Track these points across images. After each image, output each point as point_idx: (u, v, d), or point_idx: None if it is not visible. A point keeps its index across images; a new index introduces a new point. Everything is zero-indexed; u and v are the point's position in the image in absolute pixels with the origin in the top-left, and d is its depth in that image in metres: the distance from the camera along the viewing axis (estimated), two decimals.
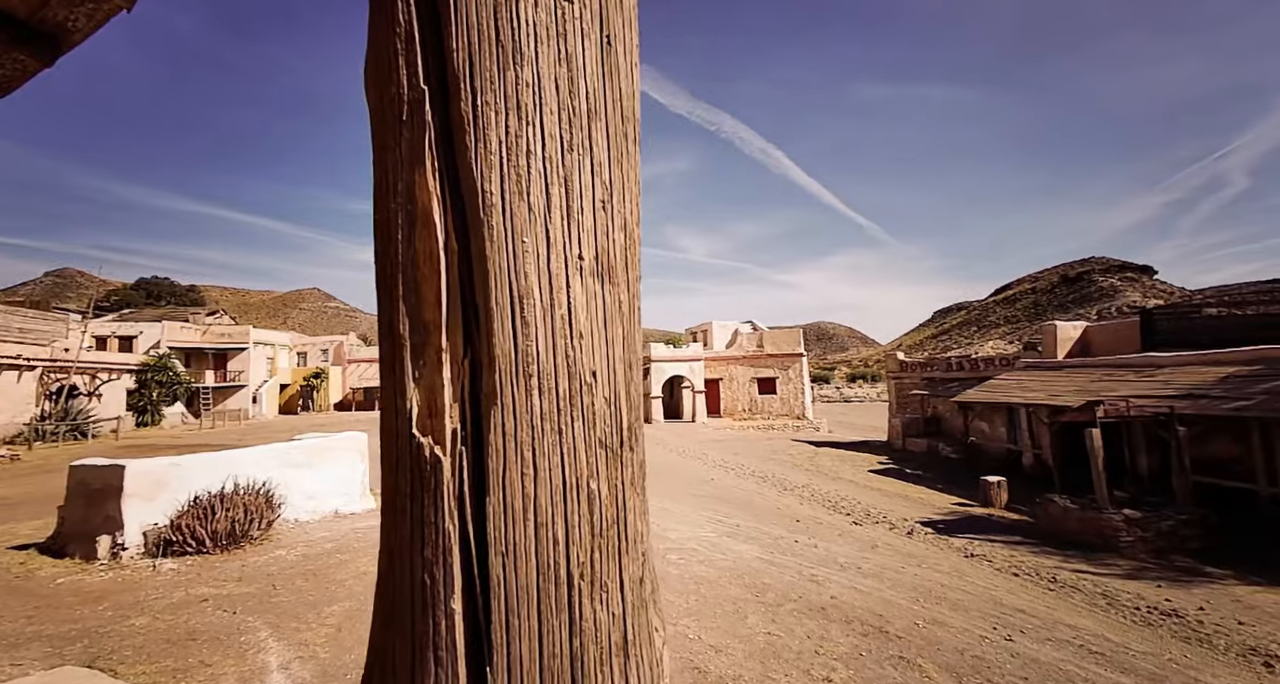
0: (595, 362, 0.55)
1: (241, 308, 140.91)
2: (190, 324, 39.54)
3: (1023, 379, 14.46)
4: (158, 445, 18.27)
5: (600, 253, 0.57)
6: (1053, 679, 4.37)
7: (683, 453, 19.80)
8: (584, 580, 0.50)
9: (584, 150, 0.57)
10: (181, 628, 4.60)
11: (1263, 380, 9.35)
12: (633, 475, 0.57)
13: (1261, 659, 5.18)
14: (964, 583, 6.88)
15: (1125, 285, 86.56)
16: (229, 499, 6.37)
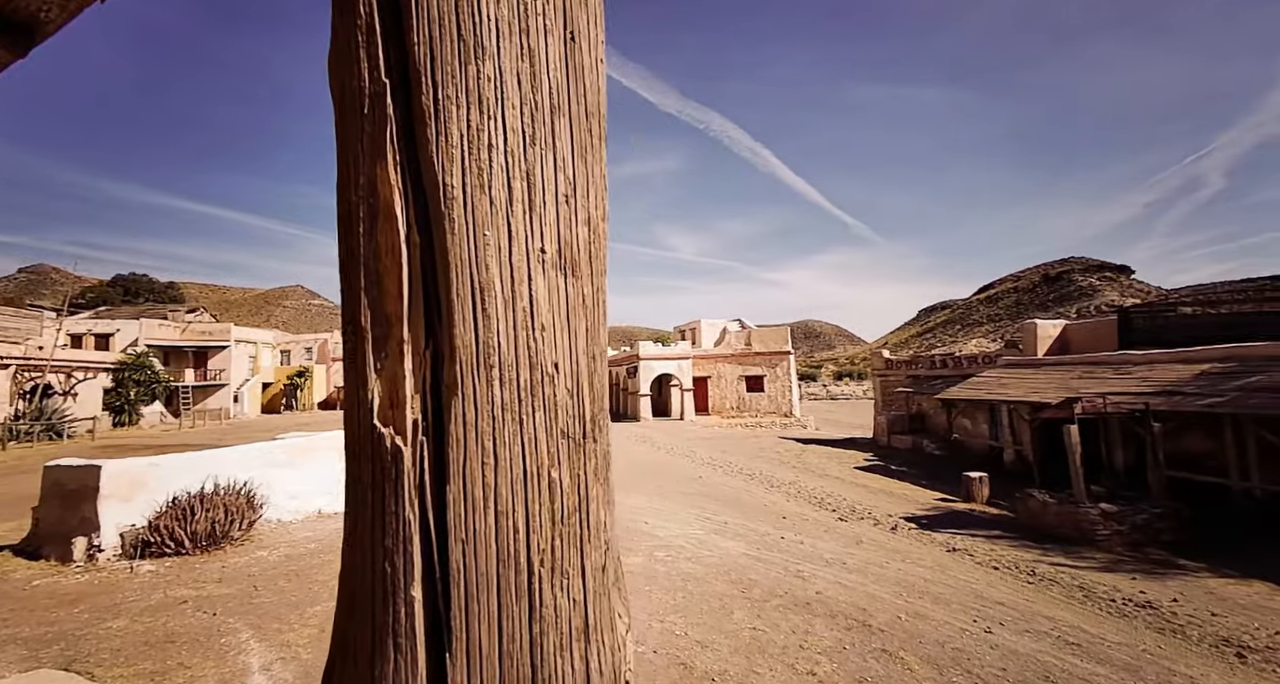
0: (558, 353, 0.56)
1: (223, 305, 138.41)
2: (169, 322, 38.76)
3: (1004, 377, 14.71)
4: (135, 445, 17.91)
5: (563, 247, 0.58)
6: (1031, 670, 4.46)
7: (671, 451, 19.86)
8: (544, 567, 0.51)
9: (547, 145, 0.58)
10: (160, 630, 4.53)
11: (1235, 377, 9.61)
12: (596, 465, 0.58)
13: (1234, 650, 5.33)
14: (946, 577, 6.99)
15: (1104, 285, 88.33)
16: (209, 499, 6.27)
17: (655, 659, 4.22)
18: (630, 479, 13.46)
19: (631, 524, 8.74)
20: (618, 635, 0.57)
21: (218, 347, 37.61)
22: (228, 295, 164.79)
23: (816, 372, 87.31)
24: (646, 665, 4.11)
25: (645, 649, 4.37)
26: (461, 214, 0.54)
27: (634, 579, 6.05)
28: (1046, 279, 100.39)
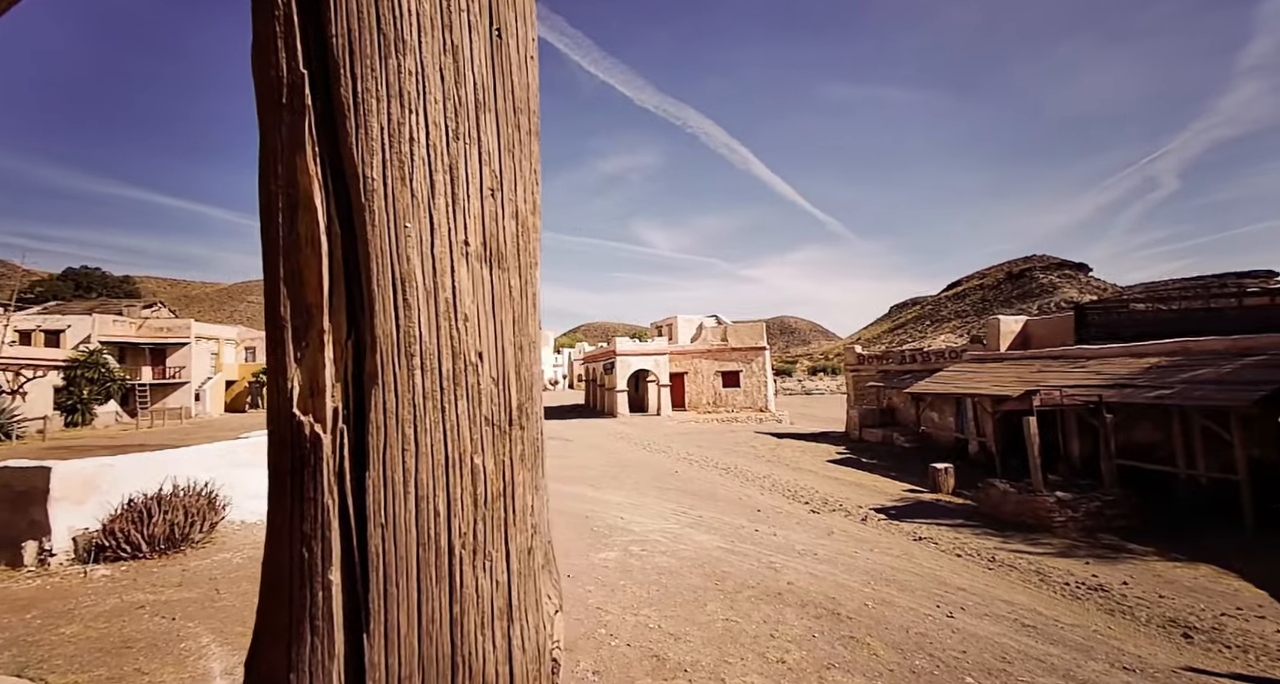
0: (482, 343, 0.57)
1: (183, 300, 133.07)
2: (124, 318, 37.12)
3: (969, 371, 15.19)
4: (89, 446, 17.15)
5: (489, 239, 0.59)
6: (989, 652, 4.64)
7: (648, 446, 19.94)
8: (466, 550, 0.52)
9: (471, 139, 0.59)
10: (116, 636, 4.39)
11: (1182, 370, 10.12)
12: (522, 452, 0.59)
13: (1180, 630, 5.62)
14: (912, 565, 7.22)
15: (1063, 282, 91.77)
16: (167, 501, 6.06)
17: (629, 652, 4.26)
18: (607, 475, 13.48)
19: (608, 520, 8.78)
20: (543, 615, 0.59)
21: (177, 343, 36.18)
22: (188, 290, 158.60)
23: (792, 367, 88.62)
24: (620, 659, 4.16)
25: (619, 642, 4.41)
26: (382, 206, 0.55)
27: (609, 574, 6.09)
28: (1010, 276, 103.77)
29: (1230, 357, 9.85)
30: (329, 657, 0.48)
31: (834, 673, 4.09)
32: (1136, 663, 4.70)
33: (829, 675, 4.06)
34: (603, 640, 4.41)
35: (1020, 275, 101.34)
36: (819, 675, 4.05)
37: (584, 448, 19.17)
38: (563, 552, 6.85)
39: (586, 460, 16.06)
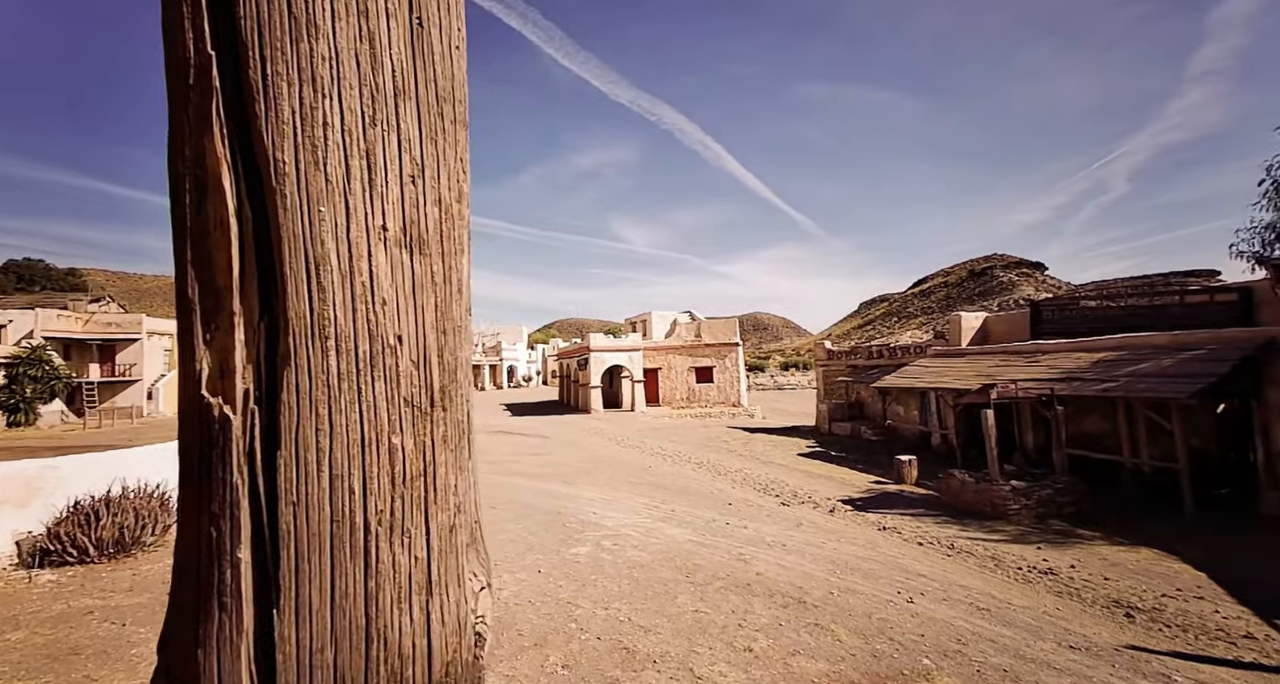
0: (401, 327, 0.58)
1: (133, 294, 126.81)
2: (70, 312, 35.17)
3: (932, 365, 15.69)
4: (33, 447, 16.25)
5: (409, 225, 0.60)
6: (945, 634, 4.83)
7: (622, 442, 19.97)
8: (382, 527, 0.54)
9: (390, 126, 0.59)
10: (63, 642, 4.21)
11: (1127, 364, 10.67)
12: (445, 433, 0.61)
13: (1123, 610, 5.95)
14: (876, 554, 7.44)
15: (1021, 280, 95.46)
16: (116, 503, 5.81)
17: (599, 645, 4.29)
18: (580, 471, 13.47)
19: (581, 515, 8.78)
20: (466, 590, 0.61)
21: (127, 339, 34.49)
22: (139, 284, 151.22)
23: (764, 362, 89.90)
24: (590, 652, 4.18)
25: (589, 636, 4.43)
26: (294, 189, 0.55)
27: (581, 569, 6.10)
28: (973, 274, 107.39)
29: (1171, 351, 10.44)
30: (237, 632, 0.49)
31: (799, 659, 4.21)
32: (1082, 642, 4.96)
33: (794, 662, 4.16)
34: (573, 634, 4.43)
35: (982, 273, 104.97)
36: (784, 662, 4.15)
37: (558, 444, 19.09)
38: (534, 547, 6.83)
39: (560, 457, 16.01)
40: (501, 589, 5.33)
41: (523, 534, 7.48)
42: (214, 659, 0.47)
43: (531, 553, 6.62)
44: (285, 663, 0.50)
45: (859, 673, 4.05)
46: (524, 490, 10.91)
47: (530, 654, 4.08)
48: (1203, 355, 9.80)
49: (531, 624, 4.59)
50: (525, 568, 6.05)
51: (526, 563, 6.22)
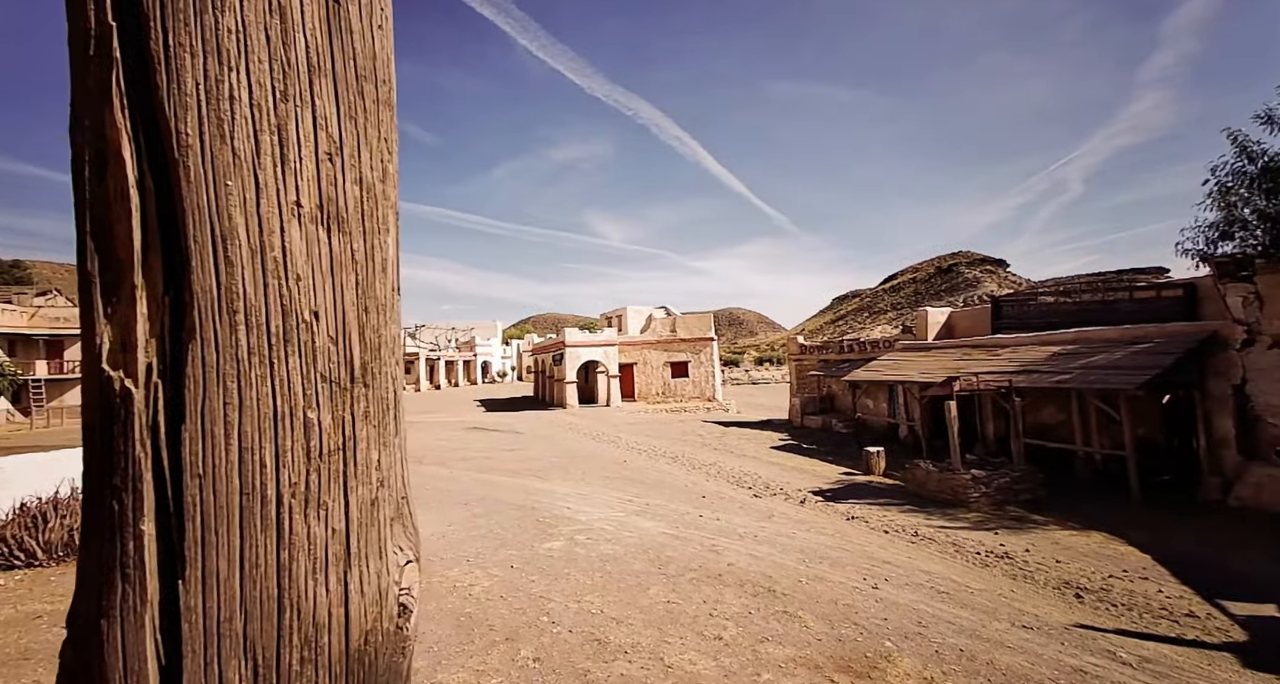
0: (318, 303, 0.59)
1: None
2: (14, 306, 33.30)
3: (899, 359, 16.12)
4: None
5: (326, 202, 0.61)
6: (907, 618, 5.01)
7: (597, 437, 19.97)
8: (296, 499, 0.55)
9: (303, 102, 0.60)
10: (12, 647, 4.05)
11: (1080, 357, 11.16)
12: (367, 409, 0.62)
13: (1073, 591, 6.25)
14: (844, 543, 7.65)
15: (985, 276, 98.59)
16: (65, 505, 5.56)
17: (570, 638, 4.32)
18: (555, 467, 13.43)
19: (555, 510, 8.77)
20: (388, 563, 0.62)
21: (76, 335, 32.83)
22: None
23: (740, 357, 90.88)
24: (562, 644, 4.20)
25: (561, 629, 4.46)
26: (199, 163, 0.55)
27: (554, 563, 6.11)
28: (940, 271, 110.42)
29: (1121, 345, 10.95)
30: (141, 603, 0.50)
31: (767, 646, 4.31)
32: (1034, 621, 5.21)
33: (762, 649, 4.27)
34: (545, 628, 4.44)
35: (948, 270, 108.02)
36: (753, 649, 4.25)
37: (532, 440, 18.98)
38: (508, 543, 6.81)
39: (535, 452, 15.93)
40: (473, 585, 5.31)
41: (495, 530, 7.44)
42: (118, 629, 0.47)
43: (505, 548, 6.60)
44: (191, 632, 0.51)
45: (824, 657, 4.17)
46: (498, 487, 10.84)
47: (501, 648, 4.09)
48: (1149, 348, 10.32)
49: (503, 619, 4.59)
50: (498, 563, 6.03)
51: (499, 558, 6.20)
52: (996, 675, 4.03)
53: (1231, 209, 9.90)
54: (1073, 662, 4.36)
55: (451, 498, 9.69)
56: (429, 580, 5.40)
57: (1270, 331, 9.30)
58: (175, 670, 0.51)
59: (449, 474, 12.33)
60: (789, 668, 3.99)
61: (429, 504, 9.13)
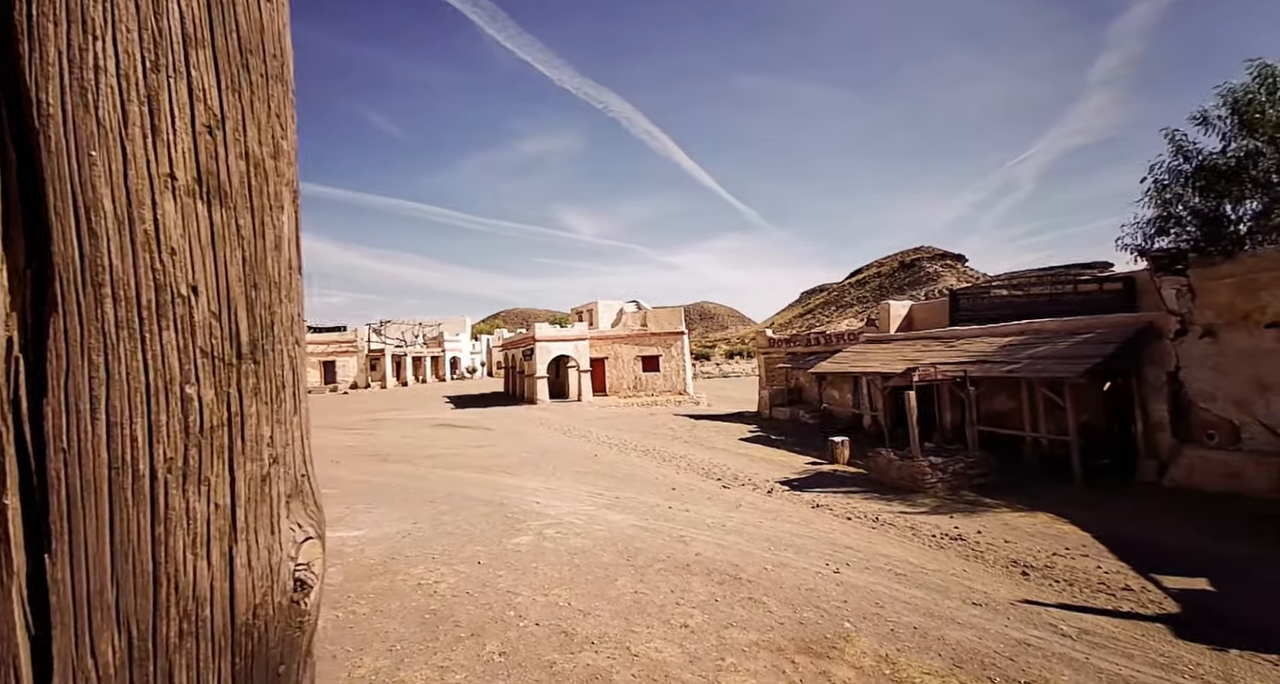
0: (196, 277, 0.59)
1: None
2: None
3: (863, 351, 16.58)
4: None
5: (205, 176, 0.61)
6: (866, 599, 5.20)
7: (568, 432, 19.91)
8: (173, 475, 0.55)
9: (178, 73, 0.59)
10: None
11: (1028, 348, 11.71)
12: (256, 385, 0.63)
13: (1020, 569, 6.58)
14: (808, 530, 7.86)
15: (945, 271, 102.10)
16: None
17: (537, 631, 4.32)
18: (525, 462, 13.35)
19: (524, 506, 8.73)
20: (282, 538, 0.63)
21: None
22: None
23: (710, 351, 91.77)
24: (528, 638, 4.21)
25: (527, 623, 4.46)
26: (60, 133, 0.54)
27: (522, 558, 6.10)
28: (903, 265, 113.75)
29: (1065, 336, 11.53)
30: (8, 575, 0.50)
31: (731, 631, 4.41)
32: (983, 598, 5.48)
33: (727, 634, 4.37)
34: (511, 622, 4.44)
35: (911, 265, 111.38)
36: (718, 635, 4.35)
37: (502, 435, 18.80)
38: (475, 539, 6.75)
39: (504, 448, 15.78)
40: (438, 583, 5.25)
41: (463, 526, 7.37)
42: None
43: (472, 545, 6.54)
44: (60, 603, 0.51)
45: (786, 639, 4.30)
46: (466, 483, 10.71)
47: (466, 644, 4.06)
48: (1091, 338, 10.89)
49: (469, 615, 4.57)
50: (465, 560, 5.98)
51: (466, 555, 6.15)
52: (947, 650, 4.23)
53: (1167, 206, 10.51)
54: (1017, 635, 4.61)
55: (418, 495, 9.53)
56: (393, 580, 5.32)
57: (1201, 322, 9.94)
58: (46, 640, 0.51)
59: (415, 472, 12.11)
60: (752, 651, 4.10)
61: (393, 502, 8.97)
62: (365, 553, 6.21)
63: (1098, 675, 3.97)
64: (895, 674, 3.84)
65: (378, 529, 7.27)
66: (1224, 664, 4.27)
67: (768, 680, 3.68)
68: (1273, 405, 8.96)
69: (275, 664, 0.62)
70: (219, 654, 0.57)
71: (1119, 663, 4.20)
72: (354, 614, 4.55)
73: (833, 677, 3.77)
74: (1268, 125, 9.40)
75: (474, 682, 3.56)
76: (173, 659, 0.55)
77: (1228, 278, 9.53)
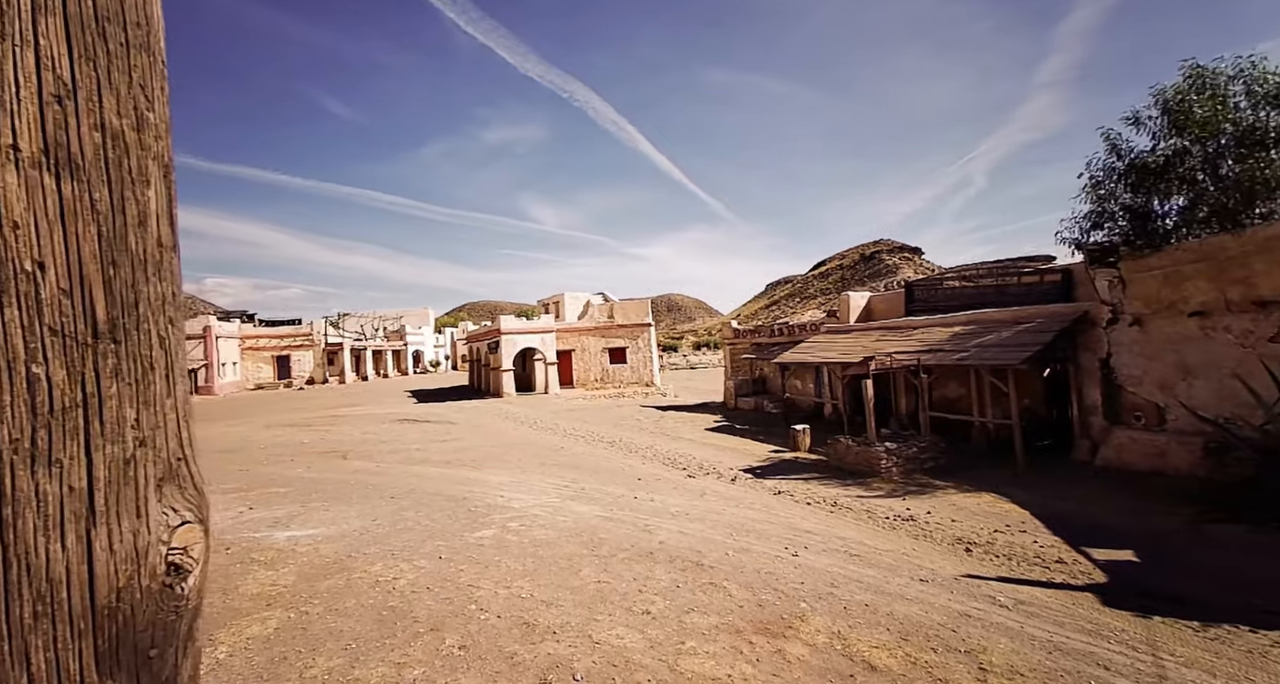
0: (43, 253, 0.58)
1: None
2: None
3: (824, 341, 17.02)
4: None
5: (54, 147, 0.59)
6: (821, 580, 5.39)
7: (534, 425, 19.77)
8: (19, 456, 0.55)
9: (24, 41, 0.58)
10: None
11: (976, 337, 12.26)
12: (117, 366, 0.62)
13: (964, 546, 6.93)
14: (770, 516, 8.06)
15: (903, 263, 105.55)
16: None
17: (499, 623, 4.31)
18: (490, 456, 13.20)
19: (488, 499, 8.65)
20: (149, 522, 0.63)
21: None
22: None
23: (678, 343, 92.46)
24: (489, 631, 4.19)
25: (489, 616, 4.44)
26: None
27: (484, 552, 6.05)
28: (864, 258, 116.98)
29: (1010, 325, 12.12)
30: None
31: (692, 616, 4.51)
32: (930, 575, 5.75)
33: (688, 618, 4.46)
34: (472, 616, 4.41)
35: (871, 257, 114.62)
36: (679, 620, 4.43)
37: (467, 429, 18.52)
38: (436, 534, 6.65)
39: (469, 442, 15.56)
40: (397, 579, 5.16)
41: (423, 522, 7.25)
42: None
43: (433, 540, 6.45)
44: None
45: (744, 621, 4.42)
46: (428, 478, 10.53)
47: (425, 639, 4.02)
48: (1033, 327, 11.49)
49: (429, 610, 4.51)
50: (425, 555, 5.89)
51: (427, 550, 6.06)
52: (895, 624, 4.43)
53: (1102, 202, 11.14)
54: (959, 607, 4.87)
55: (377, 492, 9.32)
56: (349, 578, 5.20)
57: (1131, 311, 10.60)
58: None
59: (375, 468, 11.82)
60: (712, 634, 4.20)
61: (352, 499, 8.74)
62: (320, 551, 6.05)
63: (1031, 642, 4.24)
64: (846, 649, 4.01)
65: (334, 527, 7.08)
66: (1147, 630, 4.61)
67: (725, 661, 3.79)
68: (1194, 388, 9.66)
69: (145, 647, 0.61)
70: (79, 636, 0.57)
71: (1051, 630, 4.49)
72: (306, 614, 4.43)
73: (787, 654, 3.91)
74: (1195, 125, 10.05)
75: (432, 676, 3.53)
76: (28, 639, 0.54)
77: (1155, 270, 10.19)
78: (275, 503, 8.65)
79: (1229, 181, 10.04)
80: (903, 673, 3.72)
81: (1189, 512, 7.71)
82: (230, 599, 4.76)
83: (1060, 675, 3.76)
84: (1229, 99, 9.97)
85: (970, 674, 3.73)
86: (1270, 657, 4.13)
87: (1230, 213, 10.11)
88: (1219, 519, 7.37)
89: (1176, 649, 4.26)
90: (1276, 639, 4.38)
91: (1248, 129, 9.78)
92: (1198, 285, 9.64)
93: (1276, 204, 10.03)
